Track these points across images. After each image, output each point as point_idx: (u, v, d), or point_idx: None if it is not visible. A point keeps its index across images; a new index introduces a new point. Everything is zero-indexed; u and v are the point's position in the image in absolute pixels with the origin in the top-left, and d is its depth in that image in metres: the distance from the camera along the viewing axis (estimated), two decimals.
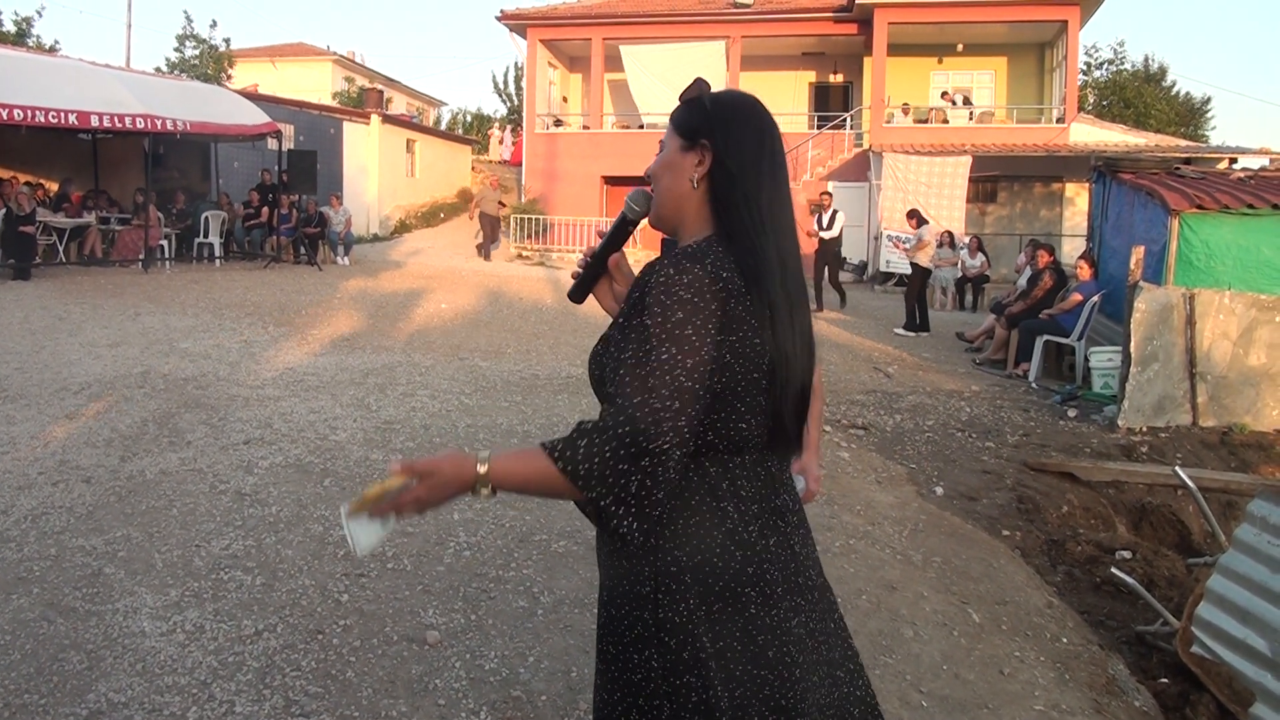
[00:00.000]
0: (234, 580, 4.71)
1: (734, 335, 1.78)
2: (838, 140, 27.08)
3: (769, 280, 1.83)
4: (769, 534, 1.87)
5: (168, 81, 22.00)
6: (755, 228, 1.88)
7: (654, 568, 1.81)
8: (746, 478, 1.87)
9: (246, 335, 11.24)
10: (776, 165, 1.95)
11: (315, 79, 41.36)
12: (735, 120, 1.96)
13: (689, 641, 1.79)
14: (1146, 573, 6.14)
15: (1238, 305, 9.12)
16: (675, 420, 1.69)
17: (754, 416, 1.84)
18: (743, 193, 1.91)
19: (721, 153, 1.93)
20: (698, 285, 1.76)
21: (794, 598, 1.89)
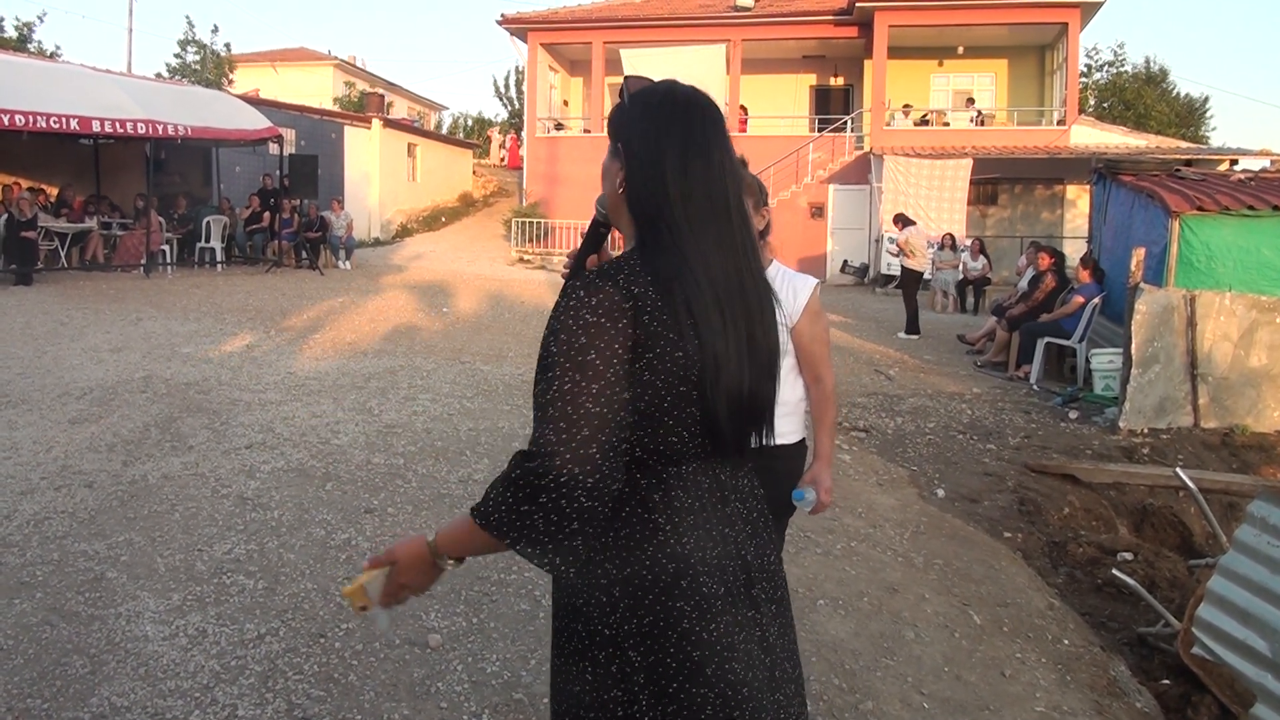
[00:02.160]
0: (236, 584, 4.71)
1: (651, 352, 1.71)
2: (838, 143, 27.06)
3: (689, 287, 1.75)
4: (708, 544, 1.80)
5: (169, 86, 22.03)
6: (670, 231, 1.79)
7: (586, 581, 1.78)
8: (683, 488, 1.80)
9: (248, 340, 11.26)
10: (690, 157, 1.83)
11: (316, 83, 41.44)
12: (645, 117, 1.89)
13: (617, 655, 1.76)
14: (1148, 574, 6.14)
15: (1238, 307, 9.12)
16: (578, 450, 1.63)
17: (686, 429, 1.77)
18: (652, 194, 1.82)
19: (632, 154, 1.86)
20: (606, 306, 1.69)
21: (741, 610, 1.81)
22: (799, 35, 28.29)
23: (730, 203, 1.85)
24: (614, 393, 1.67)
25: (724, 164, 1.87)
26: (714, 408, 1.76)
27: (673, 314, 1.72)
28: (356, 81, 44.02)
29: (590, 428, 1.64)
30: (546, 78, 30.89)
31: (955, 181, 23.31)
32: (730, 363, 1.77)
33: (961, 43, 28.16)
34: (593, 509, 1.65)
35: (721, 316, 1.76)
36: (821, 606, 4.91)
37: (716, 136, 1.88)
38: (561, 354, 1.68)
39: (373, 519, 5.64)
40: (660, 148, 1.83)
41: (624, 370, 1.69)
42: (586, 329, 1.68)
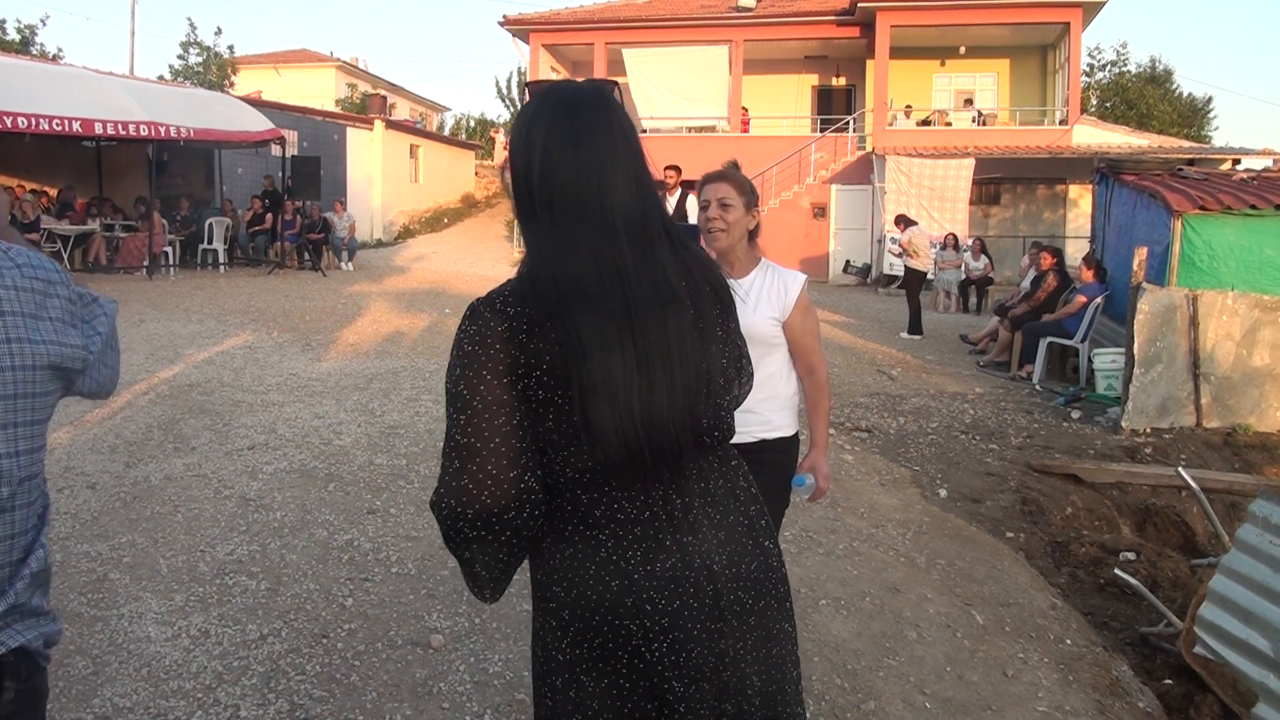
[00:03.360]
0: (239, 585, 4.72)
1: (539, 369, 1.66)
2: (840, 143, 27.07)
3: (566, 298, 1.66)
4: (660, 557, 1.72)
5: (171, 88, 22.05)
6: (545, 240, 1.72)
7: (542, 605, 1.78)
8: (628, 498, 1.72)
9: (251, 341, 11.26)
10: (569, 153, 1.72)
11: (319, 85, 41.48)
12: (522, 116, 1.79)
13: (572, 682, 1.74)
14: (1150, 574, 6.14)
15: (1241, 306, 9.11)
16: (450, 481, 1.64)
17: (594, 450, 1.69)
18: (523, 198, 1.75)
19: (513, 151, 1.77)
20: (481, 333, 1.65)
21: (702, 623, 1.73)
22: (801, 36, 28.30)
23: (608, 198, 1.72)
24: (483, 420, 1.63)
25: (602, 154, 1.73)
26: (597, 427, 1.66)
27: (552, 330, 1.65)
28: (359, 83, 44.07)
29: (460, 458, 1.63)
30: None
31: (957, 181, 23.32)
32: (612, 377, 1.66)
33: (963, 42, 28.17)
34: (481, 539, 1.65)
35: (600, 329, 1.66)
36: (824, 607, 4.91)
37: (597, 129, 1.75)
38: (447, 387, 1.68)
39: (375, 520, 5.64)
40: (532, 147, 1.74)
41: (500, 395, 1.64)
42: (461, 359, 1.66)
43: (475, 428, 1.63)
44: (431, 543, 5.31)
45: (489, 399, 1.63)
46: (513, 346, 1.64)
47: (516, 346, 1.64)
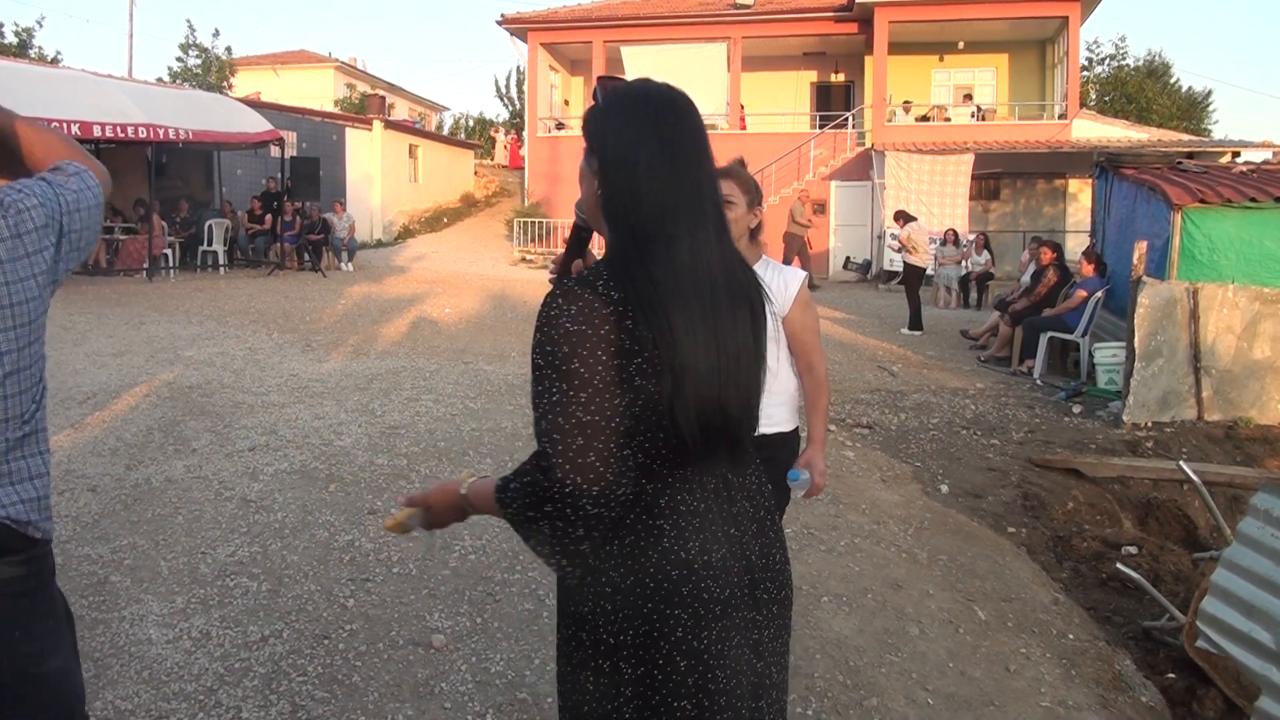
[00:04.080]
0: (240, 586, 4.72)
1: (640, 356, 1.69)
2: (840, 140, 27.04)
3: (650, 286, 1.72)
4: (714, 547, 1.79)
5: (170, 91, 22.06)
6: (634, 225, 1.77)
7: (592, 589, 1.78)
8: (688, 490, 1.79)
9: (251, 342, 11.27)
10: (664, 157, 1.79)
11: (317, 86, 41.46)
12: (618, 118, 1.84)
13: (616, 666, 1.76)
14: (1152, 568, 6.14)
15: (1241, 299, 9.10)
16: (575, 459, 1.64)
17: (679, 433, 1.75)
18: (625, 198, 1.79)
19: (605, 157, 1.81)
20: (586, 313, 1.68)
21: (741, 613, 1.80)
22: (799, 32, 28.28)
23: (706, 202, 1.82)
24: (604, 399, 1.66)
25: (699, 162, 1.83)
26: (681, 415, 1.72)
27: (649, 319, 1.70)
28: (357, 83, 44.05)
29: (584, 436, 1.64)
30: (547, 77, 30.90)
31: (957, 177, 23.31)
32: (698, 369, 1.73)
33: (962, 38, 28.13)
34: (599, 515, 1.66)
35: (691, 323, 1.73)
36: (825, 603, 4.90)
37: (691, 134, 1.84)
38: (547, 365, 1.67)
39: (376, 520, 5.64)
40: (633, 149, 1.78)
41: (612, 375, 1.67)
42: (568, 338, 1.66)
43: (599, 405, 1.65)
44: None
45: (607, 378, 1.67)
46: (620, 330, 1.68)
47: (624, 330, 1.68)
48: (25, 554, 1.78)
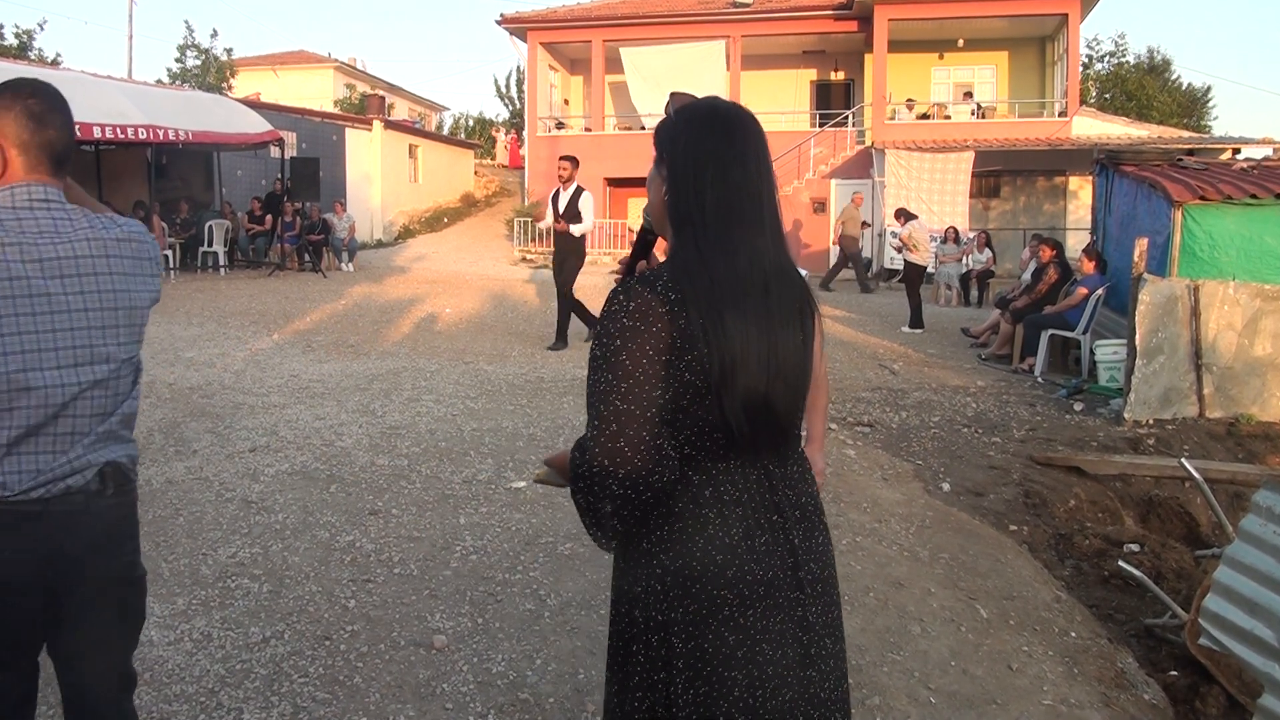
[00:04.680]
0: (241, 588, 4.71)
1: (690, 353, 1.85)
2: (840, 138, 27.04)
3: (710, 289, 1.87)
4: (757, 533, 1.93)
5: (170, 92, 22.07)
6: (697, 228, 1.93)
7: (645, 570, 1.94)
8: (731, 481, 1.93)
9: (251, 343, 11.27)
10: (729, 167, 1.96)
11: (317, 86, 41.43)
12: (688, 129, 2.02)
13: (665, 640, 1.91)
14: (1154, 565, 6.13)
15: (1242, 296, 9.10)
16: (607, 444, 1.80)
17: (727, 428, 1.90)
18: (687, 203, 1.96)
19: (674, 165, 1.99)
20: (643, 310, 1.84)
21: (785, 593, 1.94)
22: (799, 30, 28.29)
23: (765, 210, 1.98)
24: (643, 390, 1.82)
25: (761, 173, 1.99)
26: (730, 407, 1.88)
27: (705, 316, 1.85)
28: (357, 83, 44.01)
29: (619, 423, 1.80)
30: (547, 77, 30.91)
31: (957, 175, 23.31)
32: (749, 366, 1.88)
33: (961, 35, 28.13)
34: (625, 496, 1.83)
35: (744, 321, 1.88)
36: None
37: (755, 147, 2.00)
38: (600, 355, 1.86)
39: (377, 520, 5.64)
40: (701, 158, 1.96)
41: (657, 370, 1.83)
42: (622, 332, 1.83)
43: (636, 396, 1.81)
44: (434, 543, 5.30)
45: (650, 371, 1.83)
46: (673, 328, 1.84)
47: (676, 329, 1.84)
48: (129, 486, 2.42)
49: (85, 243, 2.28)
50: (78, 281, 2.26)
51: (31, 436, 2.21)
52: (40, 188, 2.27)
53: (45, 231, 2.24)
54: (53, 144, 2.29)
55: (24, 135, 2.25)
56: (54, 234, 2.25)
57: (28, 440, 2.21)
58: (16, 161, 2.25)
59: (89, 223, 2.32)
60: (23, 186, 2.25)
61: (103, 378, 2.30)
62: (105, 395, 2.32)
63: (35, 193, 2.26)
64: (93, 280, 2.28)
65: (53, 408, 2.22)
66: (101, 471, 2.33)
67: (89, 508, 2.31)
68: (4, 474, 2.18)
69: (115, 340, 2.33)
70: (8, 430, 2.18)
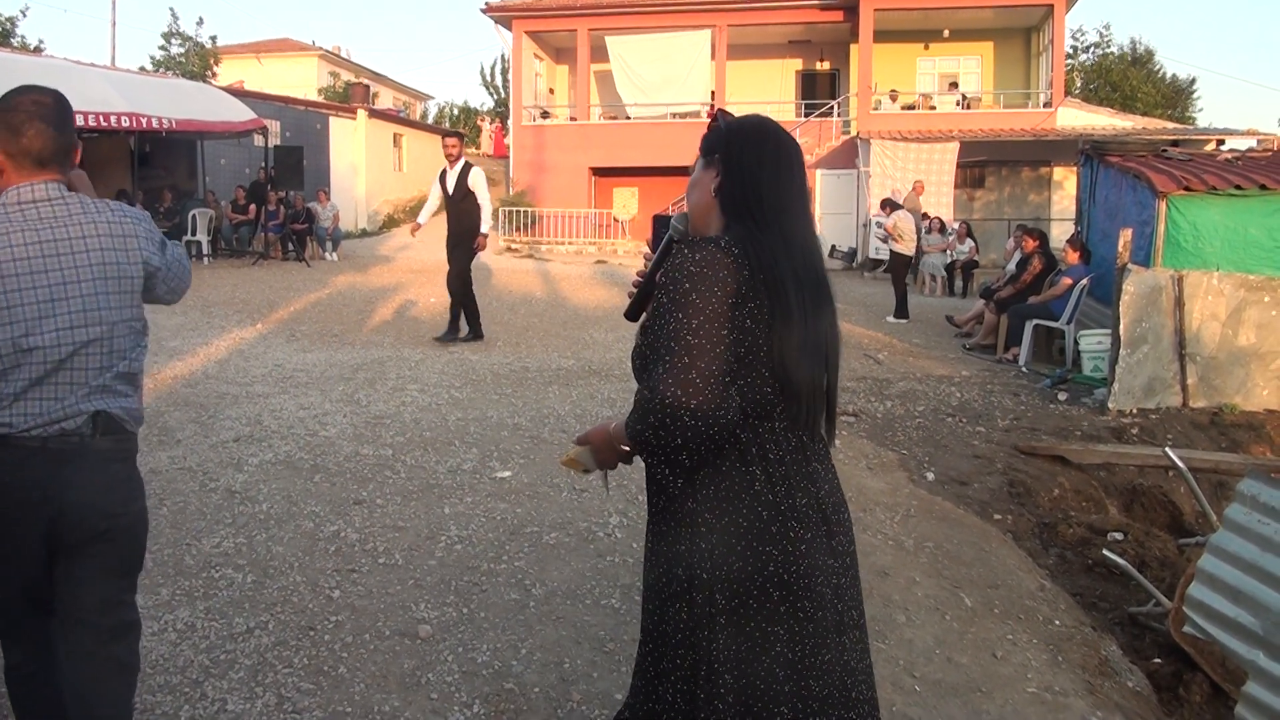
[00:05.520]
0: (225, 578, 4.69)
1: (752, 302, 1.98)
2: (825, 128, 27.06)
3: (776, 261, 2.03)
4: (798, 494, 2.05)
5: (153, 79, 21.93)
6: (759, 218, 2.09)
7: (689, 529, 2.04)
8: (775, 443, 2.05)
9: (235, 333, 11.22)
10: (780, 170, 2.15)
11: (301, 74, 41.24)
12: (742, 135, 2.20)
13: (710, 598, 1.99)
14: (1138, 554, 6.15)
15: (1226, 286, 9.13)
16: (679, 375, 1.90)
17: (778, 383, 2.03)
18: (744, 193, 2.13)
19: (731, 163, 2.16)
20: (709, 259, 1.98)
21: (823, 557, 2.06)
22: (785, 20, 28.25)
23: (805, 205, 2.21)
24: (713, 326, 1.93)
25: (802, 178, 2.21)
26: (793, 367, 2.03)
27: (767, 279, 2.01)
28: (341, 72, 43.80)
29: (690, 355, 1.91)
30: (531, 66, 30.81)
31: (942, 165, 23.32)
32: (807, 320, 2.05)
33: (947, 26, 28.17)
34: (695, 430, 1.92)
35: (802, 292, 2.05)
36: None
37: (798, 158, 2.22)
38: (668, 300, 1.97)
39: (361, 510, 5.62)
40: (759, 160, 2.15)
41: (724, 310, 1.95)
42: (690, 276, 1.96)
43: (707, 332, 1.93)
44: (418, 533, 5.29)
45: (720, 310, 1.95)
46: (738, 278, 1.98)
47: (740, 279, 1.98)
48: (124, 436, 2.80)
49: (78, 225, 2.70)
50: (71, 258, 2.66)
51: (36, 387, 2.61)
52: (29, 187, 2.69)
53: (44, 219, 2.67)
54: (31, 149, 2.71)
55: (6, 145, 2.69)
56: (51, 220, 2.67)
57: (32, 389, 2.61)
58: (7, 166, 2.70)
59: (82, 209, 2.74)
60: (14, 189, 2.69)
61: (96, 337, 2.68)
62: (100, 352, 2.70)
63: (24, 193, 2.69)
64: (84, 256, 2.68)
65: (51, 363, 2.62)
66: (93, 418, 2.69)
67: (83, 448, 2.67)
68: (11, 416, 2.59)
69: (107, 305, 2.69)
70: (16, 383, 2.59)
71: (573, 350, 11.18)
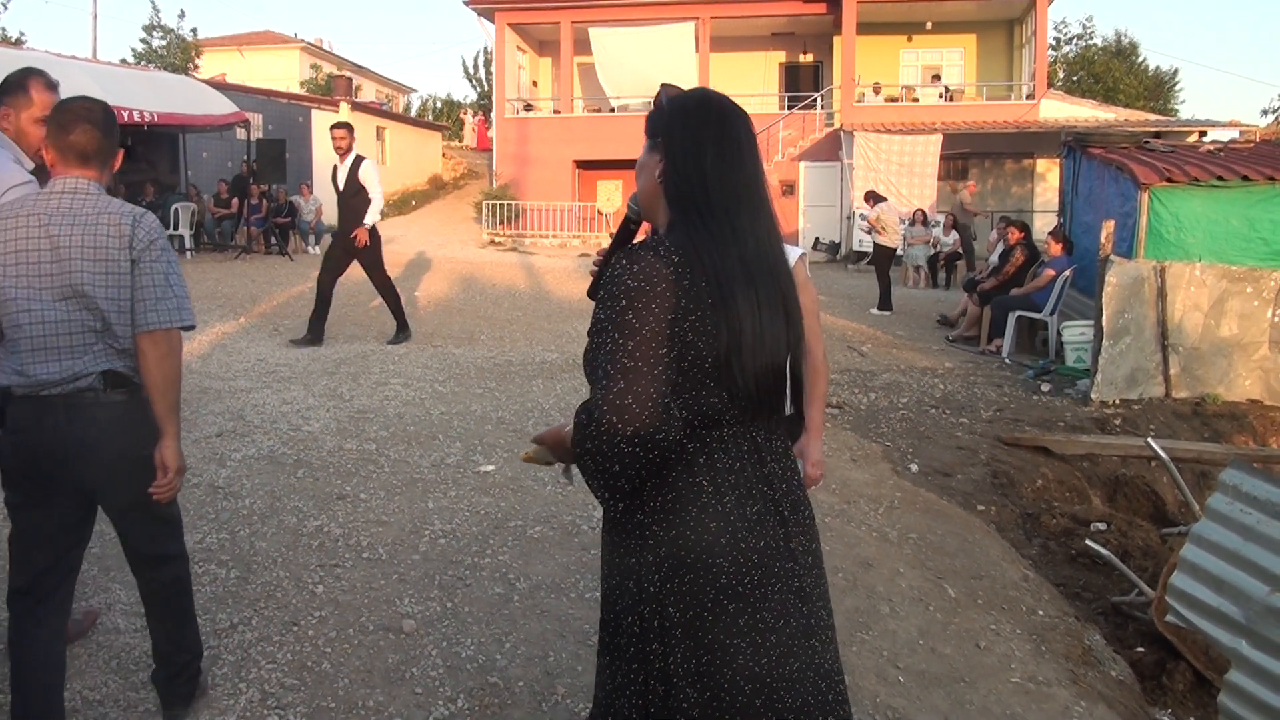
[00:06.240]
0: (208, 574, 4.67)
1: (694, 314, 1.89)
2: (809, 120, 27.05)
3: (719, 259, 1.93)
4: (749, 501, 1.97)
5: (135, 72, 21.78)
6: (703, 211, 1.99)
7: (639, 542, 1.97)
8: (724, 450, 1.97)
9: (217, 327, 11.18)
10: (726, 152, 2.04)
11: (283, 67, 41.08)
12: (684, 115, 2.10)
13: (659, 611, 1.93)
14: (1121, 544, 6.18)
15: (1208, 277, 9.17)
16: (615, 401, 1.82)
17: (725, 391, 1.94)
18: (688, 180, 2.03)
19: (673, 149, 2.05)
20: (646, 272, 1.88)
21: (780, 562, 1.98)
22: (768, 12, 28.22)
23: (758, 189, 2.08)
24: (650, 348, 1.85)
25: (754, 155, 2.10)
26: (742, 373, 1.93)
27: (708, 283, 1.90)
28: (323, 64, 43.61)
29: (625, 380, 1.82)
30: (515, 58, 30.72)
31: (925, 157, 23.35)
32: (756, 332, 1.95)
33: (930, 18, 28.18)
34: (634, 454, 1.84)
35: (752, 289, 1.95)
36: None
37: (746, 134, 2.10)
38: (605, 318, 1.89)
39: (345, 505, 5.60)
40: (701, 142, 2.04)
41: (663, 329, 1.86)
42: (627, 293, 1.87)
43: (643, 353, 1.84)
44: (402, 527, 5.28)
45: (656, 330, 1.86)
46: (677, 290, 1.88)
47: (680, 291, 1.88)
48: (133, 388, 3.16)
49: (84, 216, 3.08)
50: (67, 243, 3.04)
51: (42, 350, 3.03)
52: (73, 180, 3.14)
53: (64, 210, 3.07)
54: (75, 146, 3.12)
55: (56, 141, 3.12)
56: (69, 212, 3.07)
57: (40, 353, 3.04)
58: (56, 160, 3.14)
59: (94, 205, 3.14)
60: (59, 180, 3.13)
61: (90, 308, 3.05)
62: (95, 321, 3.07)
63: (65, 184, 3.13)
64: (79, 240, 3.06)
65: (50, 328, 3.04)
66: (104, 375, 3.09)
67: (98, 401, 3.10)
68: (32, 372, 3.03)
69: (93, 284, 3.04)
70: (22, 343, 3.03)
71: (556, 343, 11.17)
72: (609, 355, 1.85)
